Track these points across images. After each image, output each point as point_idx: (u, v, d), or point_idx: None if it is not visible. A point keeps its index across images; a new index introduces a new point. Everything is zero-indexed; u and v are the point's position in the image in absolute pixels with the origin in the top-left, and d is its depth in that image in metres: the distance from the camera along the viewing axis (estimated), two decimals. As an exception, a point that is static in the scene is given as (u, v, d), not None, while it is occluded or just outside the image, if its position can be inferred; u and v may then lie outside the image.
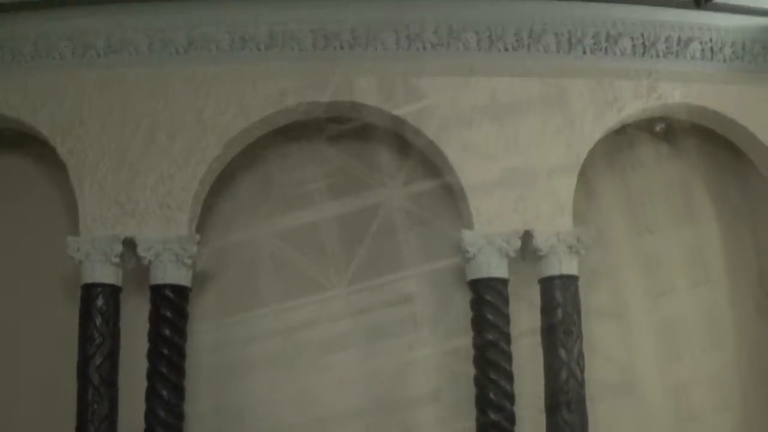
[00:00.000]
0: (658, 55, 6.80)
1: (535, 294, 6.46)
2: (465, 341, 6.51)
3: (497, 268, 6.36)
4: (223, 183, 6.82)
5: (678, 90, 6.82)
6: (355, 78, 6.58)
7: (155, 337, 6.22)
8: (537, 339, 6.38)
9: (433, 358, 6.85)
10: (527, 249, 6.44)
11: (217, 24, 6.50)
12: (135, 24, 6.48)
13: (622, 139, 7.07)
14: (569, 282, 6.36)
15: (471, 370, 6.39)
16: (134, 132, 6.46)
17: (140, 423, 6.07)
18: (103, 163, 6.44)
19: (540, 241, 6.35)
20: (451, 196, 6.82)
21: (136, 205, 6.36)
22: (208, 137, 6.46)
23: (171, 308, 6.24)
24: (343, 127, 6.99)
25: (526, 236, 6.40)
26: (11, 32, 6.55)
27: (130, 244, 6.28)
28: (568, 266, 6.37)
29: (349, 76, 6.57)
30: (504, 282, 6.38)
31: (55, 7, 6.37)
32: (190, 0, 6.28)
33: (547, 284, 6.39)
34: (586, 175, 6.73)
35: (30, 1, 6.27)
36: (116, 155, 6.45)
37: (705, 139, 7.23)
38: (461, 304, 6.65)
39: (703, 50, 6.87)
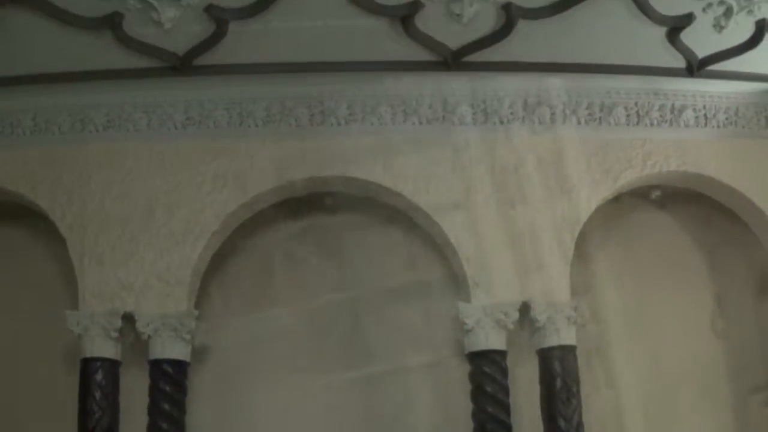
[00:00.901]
0: (652, 124, 6.83)
1: (533, 364, 6.40)
2: (464, 412, 6.43)
3: (495, 341, 6.35)
4: (222, 257, 6.81)
5: (673, 158, 6.83)
6: (352, 153, 6.59)
7: (154, 412, 6.18)
8: (536, 409, 6.29)
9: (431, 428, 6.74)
10: (525, 320, 6.40)
11: (215, 101, 6.56)
12: (134, 100, 6.52)
13: (618, 207, 7.05)
14: (567, 352, 6.33)
15: (471, 442, 6.25)
16: (133, 207, 6.46)
17: (140, 497, 5.98)
18: (102, 237, 6.43)
19: (537, 312, 6.33)
20: (449, 268, 6.77)
21: (135, 279, 6.33)
22: (206, 213, 6.46)
23: (170, 383, 6.21)
24: (341, 201, 6.96)
25: (524, 308, 6.37)
26: (11, 106, 6.59)
27: (129, 318, 6.25)
28: (566, 337, 6.34)
29: (347, 151, 6.59)
30: (502, 354, 6.36)
31: (55, 82, 6.36)
32: (188, 77, 6.27)
33: (546, 355, 6.36)
34: (582, 244, 6.68)
35: (30, 75, 6.27)
36: (115, 230, 6.45)
37: (701, 204, 7.21)
38: (459, 375, 6.57)
39: (696, 117, 6.90)
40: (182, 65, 6.24)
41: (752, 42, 6.26)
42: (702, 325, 7.34)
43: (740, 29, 6.11)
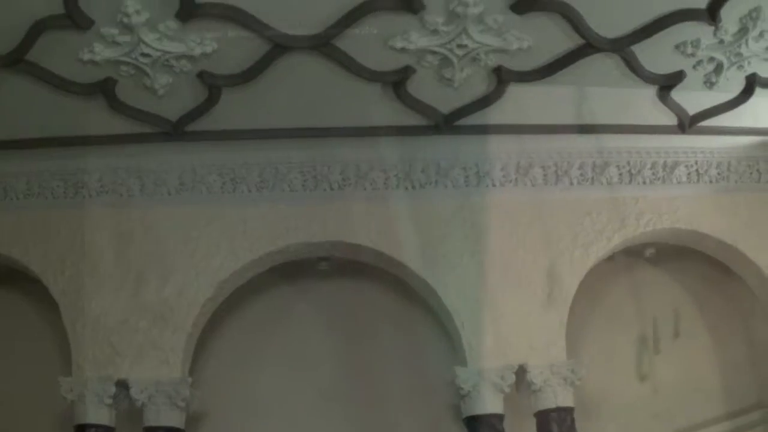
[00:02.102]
0: (644, 182, 6.83)
1: (531, 426, 6.36)
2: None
3: (492, 404, 6.31)
4: (216, 323, 6.79)
5: (666, 215, 6.84)
6: (346, 218, 6.60)
7: (149, 478, 6.08)
8: (536, 472, 6.24)
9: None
10: (522, 382, 6.36)
11: (208, 166, 6.56)
12: (127, 165, 6.52)
13: (612, 265, 7.04)
14: (565, 414, 6.31)
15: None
16: (126, 273, 6.44)
17: None
18: (95, 303, 6.40)
19: (534, 375, 6.31)
20: (444, 332, 6.74)
21: (129, 346, 6.30)
22: (199, 279, 6.44)
23: (165, 450, 6.11)
24: (335, 265, 6.94)
25: (520, 371, 6.33)
26: (4, 169, 6.59)
27: (123, 385, 6.19)
28: (563, 398, 6.31)
29: (340, 216, 6.60)
30: (500, 417, 6.32)
31: (49, 146, 6.36)
32: (182, 143, 6.27)
33: (543, 417, 6.34)
34: (577, 303, 6.65)
35: (23, 139, 6.26)
36: (109, 296, 6.42)
37: (696, 259, 7.20)
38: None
39: (689, 173, 6.91)
40: (175, 131, 6.25)
41: (743, 97, 6.28)
42: (701, 379, 7.29)
43: (730, 85, 6.13)
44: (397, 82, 5.84)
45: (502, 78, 5.82)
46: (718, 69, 5.94)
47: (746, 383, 7.34)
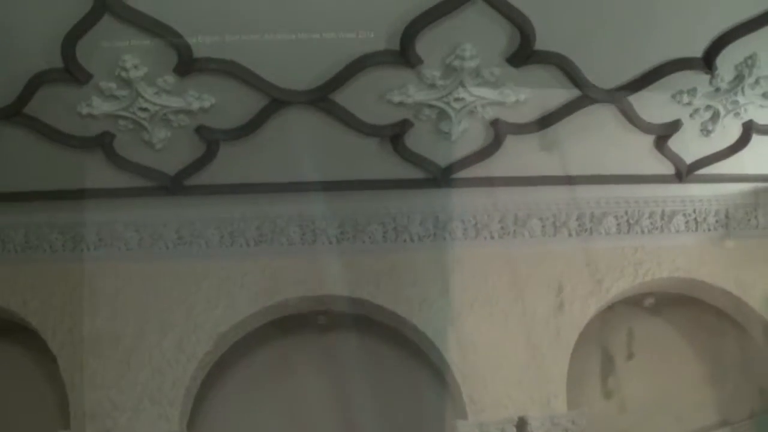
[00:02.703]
0: (642, 232, 6.84)
1: (533, 478, 6.27)
2: None
3: (494, 457, 6.20)
4: (214, 376, 6.75)
5: (665, 264, 6.84)
6: (344, 271, 6.58)
7: None
8: None
9: None
10: (523, 434, 6.26)
11: (206, 220, 6.56)
12: (125, 219, 6.53)
13: (611, 315, 7.02)
14: (566, 464, 6.19)
15: None
16: (125, 326, 6.42)
17: None
18: (94, 356, 6.36)
19: (534, 427, 6.27)
20: (444, 385, 6.70)
21: (128, 400, 6.26)
22: (198, 333, 6.43)
23: (163, 505, 6.07)
24: (334, 319, 6.93)
25: (521, 423, 6.30)
26: (2, 222, 6.60)
27: (122, 440, 6.11)
28: (564, 450, 6.19)
29: (338, 269, 6.57)
30: (502, 469, 6.21)
31: (47, 199, 6.35)
32: (180, 196, 6.27)
33: (545, 468, 6.23)
34: (577, 353, 6.63)
35: (21, 192, 6.25)
36: (107, 349, 6.39)
37: (696, 307, 7.19)
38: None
39: (687, 222, 6.91)
40: (173, 185, 6.24)
41: (740, 144, 6.28)
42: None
43: (727, 132, 6.14)
44: (394, 135, 5.83)
45: (499, 130, 5.82)
46: (715, 117, 5.94)
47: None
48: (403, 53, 5.08)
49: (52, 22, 4.78)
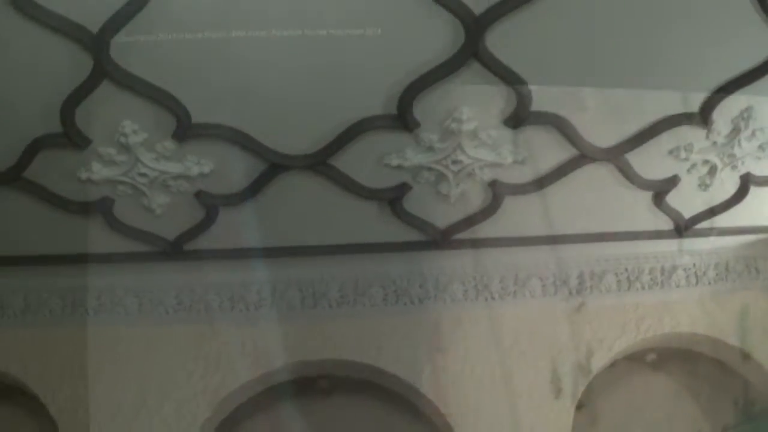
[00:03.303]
0: (643, 288, 6.82)
1: None
2: None
3: None
4: (214, 440, 6.66)
5: (666, 319, 6.81)
6: (345, 335, 6.57)
7: None
8: None
9: None
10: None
11: (206, 286, 6.54)
12: (125, 284, 6.51)
13: (613, 372, 6.97)
14: None
15: None
16: (125, 392, 6.36)
17: None
18: (94, 422, 6.30)
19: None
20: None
21: (128, 466, 6.12)
22: (198, 399, 6.37)
23: None
24: (335, 383, 6.89)
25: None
26: (2, 286, 6.58)
27: (120, 508, 6.04)
28: None
29: (339, 333, 6.56)
30: None
31: (46, 264, 6.32)
32: (179, 261, 6.26)
33: None
34: (581, 413, 6.62)
35: (20, 256, 6.24)
36: (107, 415, 6.33)
37: (698, 361, 7.15)
38: None
39: (687, 276, 6.89)
40: (173, 250, 6.23)
41: (738, 196, 6.28)
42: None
43: (725, 185, 6.15)
44: (393, 198, 5.83)
45: (497, 192, 5.83)
46: (712, 171, 5.96)
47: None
48: (401, 117, 5.10)
49: (51, 87, 4.81)
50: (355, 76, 4.84)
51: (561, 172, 5.72)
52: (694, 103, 5.37)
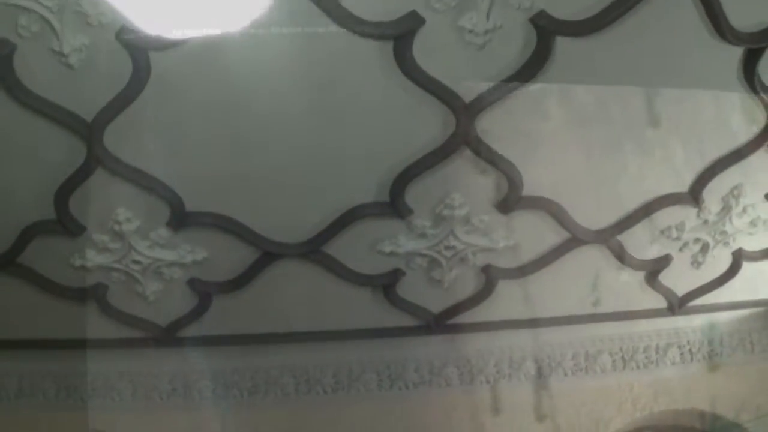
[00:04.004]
0: (638, 367, 6.78)
1: None
2: None
3: None
4: None
5: (662, 397, 6.75)
6: (339, 421, 6.52)
7: None
8: None
9: None
10: None
11: (200, 372, 6.50)
12: (119, 369, 6.46)
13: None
14: None
15: None
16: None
17: None
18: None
19: None
20: None
21: None
22: (192, 484, 6.26)
23: None
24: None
25: None
26: (-6, 370, 6.40)
27: None
28: None
29: (333, 419, 6.51)
30: None
31: (40, 348, 6.32)
32: (173, 348, 6.25)
33: None
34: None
35: (14, 339, 6.25)
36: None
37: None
38: None
39: (682, 353, 6.87)
40: (166, 336, 6.20)
41: (730, 273, 6.28)
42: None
43: (717, 262, 6.16)
44: (386, 284, 5.81)
45: (490, 276, 5.83)
46: (704, 249, 5.96)
47: None
48: (393, 205, 5.11)
49: (46, 173, 4.85)
50: (348, 164, 4.88)
51: (554, 255, 5.73)
52: (684, 183, 5.35)
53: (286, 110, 4.56)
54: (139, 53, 4.18)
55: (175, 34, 4.06)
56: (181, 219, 5.11)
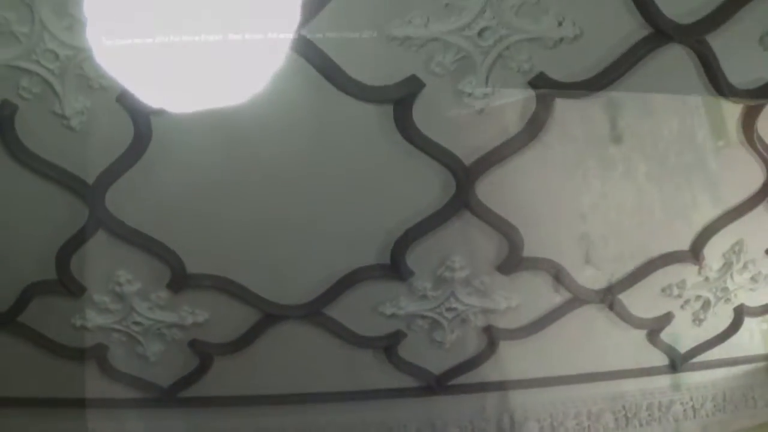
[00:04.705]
0: (641, 424, 6.72)
1: None
2: None
3: None
4: None
5: (666, 456, 6.62)
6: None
7: None
8: None
9: None
10: None
11: (195, 429, 6.40)
12: (120, 429, 6.38)
13: None
14: None
15: None
16: None
17: None
18: None
19: None
20: None
21: None
22: None
23: None
24: None
25: None
26: (-8, 428, 6.33)
27: None
28: None
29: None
30: None
31: (41, 407, 6.32)
32: (174, 408, 6.18)
33: None
34: None
35: (13, 398, 6.25)
36: None
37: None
38: None
39: (685, 410, 6.81)
40: (167, 397, 6.14)
41: (732, 328, 6.27)
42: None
43: (719, 319, 6.14)
44: (388, 346, 5.78)
45: (492, 337, 5.81)
46: (706, 306, 5.94)
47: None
48: (394, 267, 5.10)
49: (47, 234, 4.84)
50: (348, 227, 4.88)
51: (555, 315, 5.72)
52: (685, 241, 5.34)
53: (287, 173, 4.56)
54: (141, 116, 4.20)
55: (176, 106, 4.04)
56: (181, 281, 5.08)
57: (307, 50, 4.03)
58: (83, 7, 3.80)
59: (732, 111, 4.67)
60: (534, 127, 4.45)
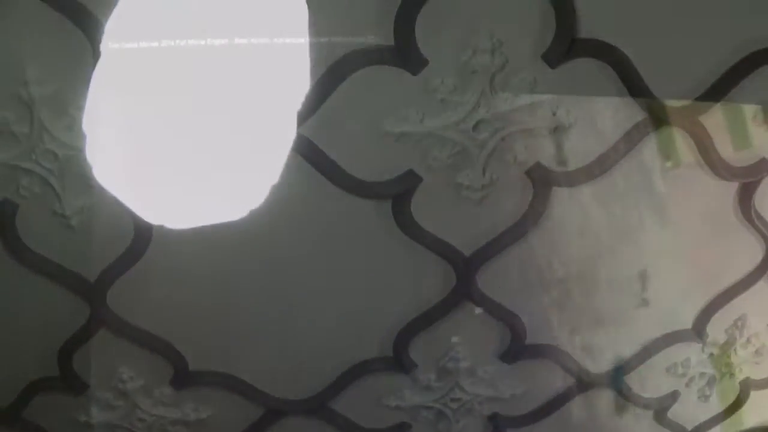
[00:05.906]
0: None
1: None
2: None
3: None
4: None
5: None
6: None
7: None
8: None
9: None
10: None
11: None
12: None
13: None
14: None
15: None
16: None
17: None
18: None
19: None
20: None
21: None
22: None
23: None
24: None
25: None
26: None
27: None
28: None
29: None
30: None
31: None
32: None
33: None
34: None
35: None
36: None
37: None
38: None
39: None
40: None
41: (739, 402, 6.16)
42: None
43: (725, 393, 6.05)
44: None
45: (498, 425, 5.75)
46: (711, 382, 5.89)
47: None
48: (397, 359, 5.07)
49: (49, 332, 4.79)
50: (349, 321, 4.88)
51: (561, 400, 5.65)
52: (687, 320, 5.33)
53: (287, 270, 4.55)
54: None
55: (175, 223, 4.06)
56: (184, 378, 5.05)
57: (304, 148, 4.04)
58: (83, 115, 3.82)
59: (728, 189, 4.69)
60: (532, 216, 4.46)
